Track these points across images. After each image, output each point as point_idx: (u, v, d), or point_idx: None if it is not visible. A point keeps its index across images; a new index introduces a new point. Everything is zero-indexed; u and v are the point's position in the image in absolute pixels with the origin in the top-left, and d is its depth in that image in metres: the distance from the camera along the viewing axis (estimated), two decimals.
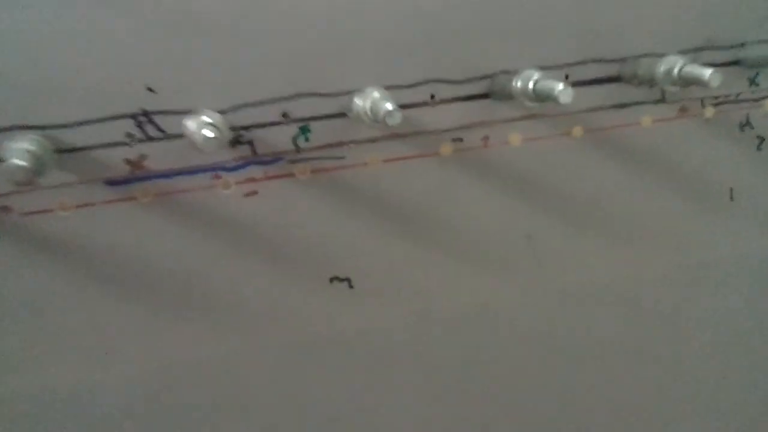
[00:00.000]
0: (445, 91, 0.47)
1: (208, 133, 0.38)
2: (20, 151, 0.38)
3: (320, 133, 0.46)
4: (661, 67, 0.45)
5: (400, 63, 0.46)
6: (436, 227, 0.49)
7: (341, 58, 0.45)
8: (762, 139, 0.54)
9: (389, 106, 0.39)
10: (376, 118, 0.41)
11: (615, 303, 0.53)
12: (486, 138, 0.48)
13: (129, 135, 0.44)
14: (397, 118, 0.39)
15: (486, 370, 0.52)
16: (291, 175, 0.46)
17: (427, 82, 0.47)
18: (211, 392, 0.48)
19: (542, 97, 0.42)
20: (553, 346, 0.53)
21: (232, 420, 0.48)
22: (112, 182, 0.44)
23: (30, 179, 0.38)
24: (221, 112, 0.43)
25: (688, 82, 0.44)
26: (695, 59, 0.49)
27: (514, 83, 0.44)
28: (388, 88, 0.45)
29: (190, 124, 0.41)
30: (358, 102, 0.43)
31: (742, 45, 0.50)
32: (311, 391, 0.49)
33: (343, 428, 0.51)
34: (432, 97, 0.47)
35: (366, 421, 0.51)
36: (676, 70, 0.45)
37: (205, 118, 0.40)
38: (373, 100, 0.41)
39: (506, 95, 0.46)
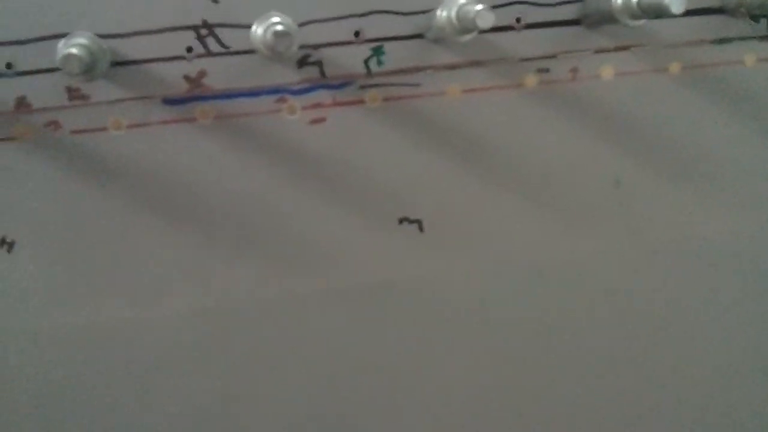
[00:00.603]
0: (532, 15, 0.42)
1: (279, 27, 0.33)
2: (75, 44, 0.34)
3: (395, 56, 0.42)
4: None
5: None
6: (515, 168, 0.44)
7: None
8: None
9: (479, 5, 0.34)
10: (463, 24, 0.36)
11: (713, 262, 0.47)
12: (574, 70, 0.44)
13: (188, 49, 0.39)
14: (489, 19, 0.34)
15: (564, 326, 0.47)
16: (361, 101, 0.42)
17: (512, 2, 0.42)
18: (267, 336, 0.43)
19: (649, 9, 0.36)
20: (639, 307, 0.48)
21: (288, 367, 0.44)
22: (169, 100, 0.40)
23: (84, 70, 0.33)
24: None
25: None
26: None
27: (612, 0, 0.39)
28: None
29: (258, 28, 0.36)
30: (441, 12, 0.38)
31: None
32: (373, 340, 0.45)
33: (405, 380, 0.46)
34: (518, 20, 0.42)
35: (428, 373, 0.46)
36: None
37: (275, 19, 0.36)
38: (459, 5, 0.36)
39: (600, 18, 0.41)
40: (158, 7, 0.39)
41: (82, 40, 0.36)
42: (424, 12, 0.42)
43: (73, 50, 0.33)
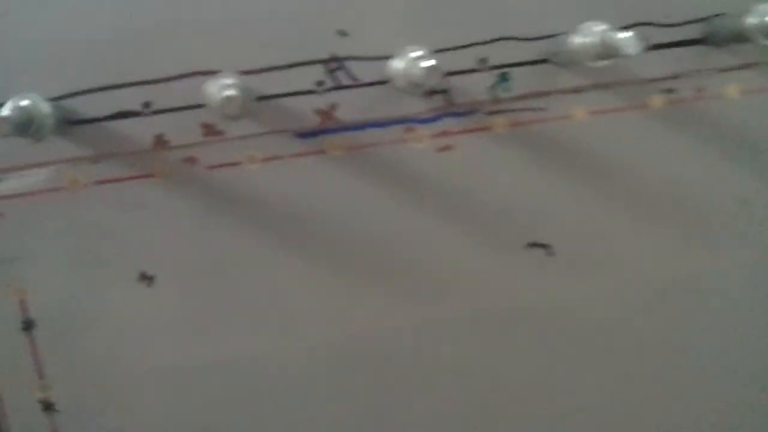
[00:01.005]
0: (656, 36, 0.42)
1: (429, 62, 0.34)
2: (229, 86, 0.35)
3: (520, 81, 0.42)
4: None
5: (609, 3, 0.41)
6: (643, 188, 0.44)
7: None
8: None
9: (627, 33, 0.34)
10: (605, 50, 0.36)
11: None
12: (700, 89, 0.43)
13: (319, 83, 0.40)
14: (636, 46, 0.34)
15: (694, 348, 0.46)
16: (488, 128, 0.42)
17: (636, 24, 0.42)
18: (397, 365, 0.43)
19: None
20: None
21: (418, 393, 0.43)
22: (302, 134, 0.40)
23: (241, 112, 0.34)
24: None
25: None
26: None
27: (743, 19, 0.39)
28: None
29: (397, 62, 0.37)
30: (576, 38, 0.38)
31: None
32: (501, 367, 0.44)
33: (534, 406, 0.46)
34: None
35: (559, 399, 0.45)
36: None
37: (418, 53, 0.36)
38: (602, 33, 0.36)
39: (728, 37, 0.41)
40: (289, 42, 0.39)
41: (230, 80, 0.36)
42: (549, 37, 0.41)
43: (231, 93, 0.34)
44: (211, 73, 0.39)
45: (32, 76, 0.38)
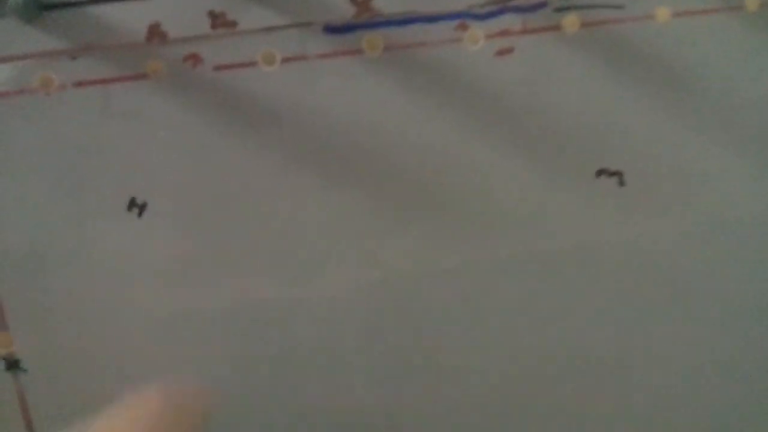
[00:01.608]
0: None
1: None
2: None
3: None
4: None
5: None
6: (734, 104, 0.36)
7: None
8: None
9: None
10: None
11: None
12: None
13: None
14: None
15: None
16: (556, 28, 0.33)
17: None
18: (451, 307, 0.35)
19: None
20: None
21: (475, 338, 0.35)
22: (332, 28, 0.31)
23: None
24: None
25: None
26: None
27: None
28: None
29: None
30: None
31: None
32: (567, 308, 0.36)
33: (595, 348, 0.40)
34: None
35: (633, 343, 0.38)
36: None
37: None
38: None
39: None
40: None
41: None
42: None
43: None
44: None
45: None
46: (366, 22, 0.33)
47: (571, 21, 0.34)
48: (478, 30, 0.34)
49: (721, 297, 0.38)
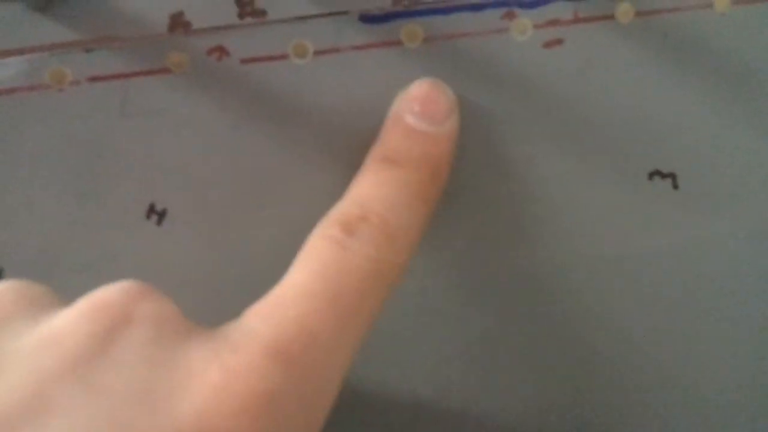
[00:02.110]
0: None
1: None
2: None
3: None
4: None
5: None
6: None
7: None
8: None
9: None
10: None
11: None
12: None
13: None
14: None
15: None
16: (609, 16, 0.30)
17: None
18: (485, 329, 0.31)
19: None
20: None
21: (516, 345, 0.32)
22: (368, 17, 0.29)
23: None
24: None
25: None
26: None
27: None
28: None
29: None
30: None
31: None
32: (618, 319, 0.35)
33: (651, 356, 0.37)
34: None
35: (685, 358, 0.37)
36: None
37: None
38: None
39: None
40: None
41: None
42: None
43: None
44: None
45: None
46: (405, 10, 0.30)
47: (625, 9, 0.31)
48: (526, 19, 0.31)
49: None
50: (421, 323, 0.33)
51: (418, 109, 0.29)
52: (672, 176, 0.34)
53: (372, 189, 0.27)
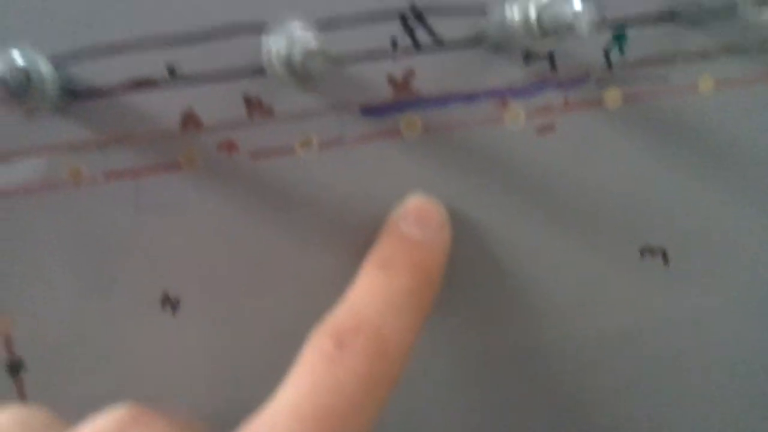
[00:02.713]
0: None
1: (578, 4, 0.24)
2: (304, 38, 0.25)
3: (638, 43, 0.32)
4: None
5: None
6: None
7: None
8: None
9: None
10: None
11: None
12: None
13: (393, 42, 0.30)
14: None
15: None
16: (598, 103, 0.32)
17: None
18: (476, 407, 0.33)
19: None
20: None
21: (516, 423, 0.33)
22: (369, 110, 0.30)
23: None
24: None
25: None
26: None
27: None
28: None
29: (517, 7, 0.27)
30: None
31: None
32: (612, 394, 0.35)
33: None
34: None
35: (673, 424, 0.35)
36: None
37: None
38: None
39: None
40: None
41: (301, 32, 0.26)
42: None
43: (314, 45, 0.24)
44: (255, 28, 0.29)
45: (24, 28, 0.27)
46: (404, 102, 0.31)
47: (613, 95, 0.33)
48: (518, 107, 0.33)
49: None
50: (420, 399, 0.35)
51: (412, 219, 0.31)
52: (662, 253, 0.35)
53: (367, 296, 0.27)
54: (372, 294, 0.27)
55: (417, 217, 0.31)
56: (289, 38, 0.27)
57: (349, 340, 0.25)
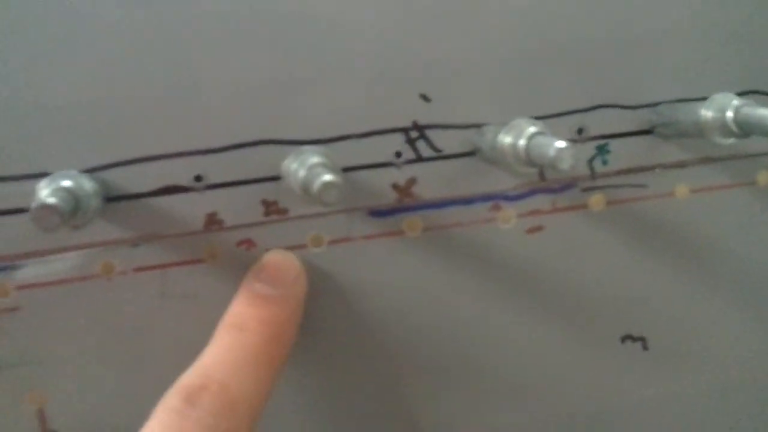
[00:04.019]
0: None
1: (560, 144, 0.28)
2: (322, 166, 0.29)
3: (620, 154, 0.36)
4: None
5: (714, 70, 0.36)
6: (750, 277, 0.38)
7: (649, 64, 0.37)
8: None
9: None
10: (745, 128, 0.31)
11: None
12: None
13: (397, 154, 0.34)
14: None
15: None
16: (583, 206, 0.36)
17: (749, 92, 0.36)
18: None
19: None
20: None
21: None
22: (376, 212, 0.34)
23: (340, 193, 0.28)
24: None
25: None
26: None
27: None
28: (697, 99, 0.37)
29: (510, 138, 0.31)
30: (708, 113, 0.33)
31: None
32: None
33: None
34: None
35: None
36: None
37: (533, 129, 0.30)
38: (734, 107, 0.31)
39: None
40: (365, 108, 0.33)
41: (317, 159, 0.32)
42: (652, 105, 0.36)
43: (330, 178, 0.27)
44: (276, 142, 0.33)
45: (59, 145, 0.31)
46: (406, 205, 0.35)
47: (597, 200, 0.37)
48: (510, 210, 0.36)
49: None
50: None
51: (264, 275, 0.32)
52: (642, 339, 0.39)
53: (215, 356, 0.28)
54: (222, 353, 0.28)
55: (270, 273, 0.32)
56: (306, 165, 0.30)
57: (198, 395, 0.26)
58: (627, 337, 0.38)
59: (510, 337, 0.37)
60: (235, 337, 0.29)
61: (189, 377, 0.27)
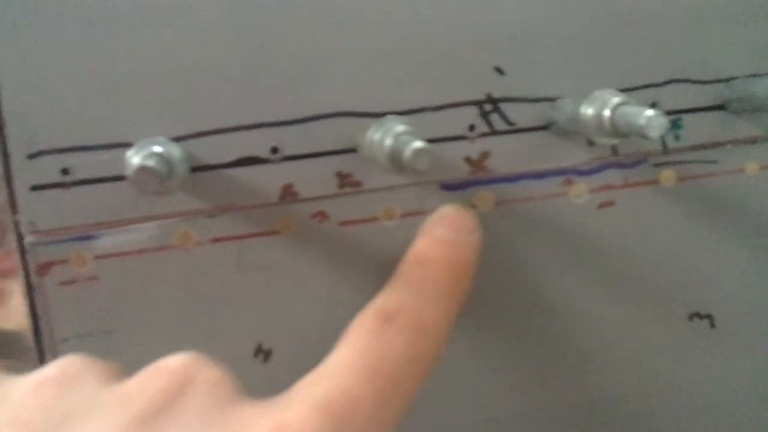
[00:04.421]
0: None
1: (650, 112, 0.27)
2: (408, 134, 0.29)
3: (692, 129, 0.35)
4: None
5: None
6: None
7: (723, 39, 0.37)
8: None
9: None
10: None
11: None
12: None
13: (471, 127, 0.33)
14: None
15: None
16: (654, 182, 0.36)
17: None
18: None
19: None
20: None
21: None
22: (448, 185, 0.34)
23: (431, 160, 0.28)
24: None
25: None
26: None
27: None
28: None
29: (592, 108, 0.31)
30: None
31: None
32: None
33: None
34: None
35: None
36: None
37: (617, 99, 0.30)
38: None
39: None
40: (439, 80, 0.33)
41: (402, 127, 0.32)
42: (726, 80, 0.35)
43: (420, 144, 0.27)
44: (351, 114, 0.33)
45: (141, 116, 0.31)
46: (478, 179, 0.35)
47: (667, 175, 0.37)
48: (582, 185, 0.36)
49: None
50: None
51: (446, 222, 0.33)
52: (709, 317, 0.39)
53: (405, 286, 0.30)
54: (410, 286, 0.30)
55: (449, 222, 0.33)
56: (392, 134, 0.30)
57: (392, 319, 0.27)
58: (694, 315, 0.38)
59: (578, 312, 0.37)
60: (423, 271, 0.31)
61: (383, 303, 0.29)
